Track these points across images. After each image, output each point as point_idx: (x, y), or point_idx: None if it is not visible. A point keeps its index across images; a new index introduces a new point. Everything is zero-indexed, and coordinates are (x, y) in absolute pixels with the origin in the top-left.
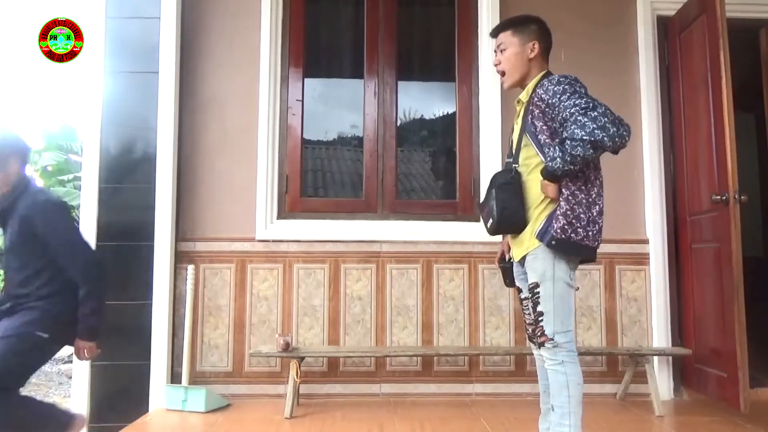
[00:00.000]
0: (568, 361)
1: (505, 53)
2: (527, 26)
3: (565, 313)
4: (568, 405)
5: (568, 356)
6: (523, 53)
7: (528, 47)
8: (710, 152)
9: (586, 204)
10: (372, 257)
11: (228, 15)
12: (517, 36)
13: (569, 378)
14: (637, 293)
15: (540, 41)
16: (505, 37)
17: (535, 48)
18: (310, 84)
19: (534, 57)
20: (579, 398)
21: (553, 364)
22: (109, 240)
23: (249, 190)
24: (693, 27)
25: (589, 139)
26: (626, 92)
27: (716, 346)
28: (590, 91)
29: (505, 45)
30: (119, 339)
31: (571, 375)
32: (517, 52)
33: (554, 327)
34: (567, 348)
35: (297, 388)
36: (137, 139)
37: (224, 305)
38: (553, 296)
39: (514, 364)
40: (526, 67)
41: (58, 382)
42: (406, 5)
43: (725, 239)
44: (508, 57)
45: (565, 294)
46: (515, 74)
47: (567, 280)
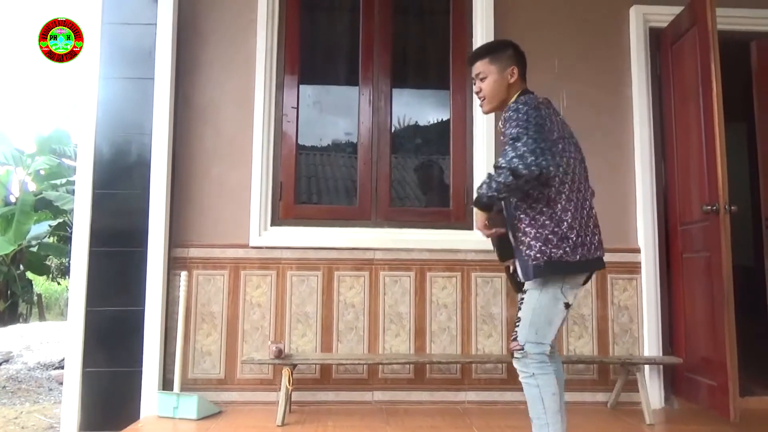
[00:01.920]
0: (539, 373)
1: (486, 81)
2: (504, 52)
3: (543, 325)
4: (545, 416)
5: (540, 368)
6: (502, 80)
7: (507, 73)
8: (701, 162)
9: (553, 223)
10: (365, 264)
11: (224, 22)
12: (495, 64)
13: (542, 390)
14: (628, 302)
15: (517, 65)
16: (483, 66)
17: (514, 73)
18: (305, 91)
19: (513, 82)
20: (555, 408)
21: (525, 377)
22: (102, 245)
23: (243, 196)
24: (684, 39)
25: (507, 166)
26: (618, 102)
27: (707, 355)
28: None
29: (485, 73)
30: (111, 345)
31: (543, 386)
32: (496, 79)
33: (527, 335)
34: (538, 360)
35: (289, 395)
36: (132, 144)
37: (217, 312)
38: (536, 306)
39: (506, 372)
40: (505, 92)
41: (48, 388)
42: (402, 13)
43: (715, 249)
44: (489, 85)
45: (549, 306)
46: (495, 101)
47: (556, 294)
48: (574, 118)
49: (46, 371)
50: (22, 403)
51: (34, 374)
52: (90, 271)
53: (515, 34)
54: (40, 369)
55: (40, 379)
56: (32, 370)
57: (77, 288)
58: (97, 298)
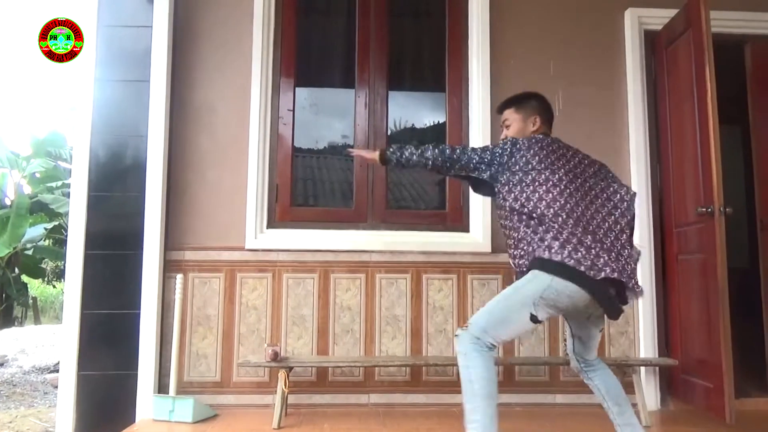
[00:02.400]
0: (470, 353)
1: (510, 129)
2: (528, 102)
3: (500, 322)
4: (475, 400)
5: (475, 349)
6: (525, 128)
7: (530, 122)
8: (696, 165)
9: (537, 239)
10: (361, 267)
11: (220, 24)
12: (520, 113)
13: (471, 372)
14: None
15: (541, 115)
16: (509, 114)
17: (537, 122)
18: (301, 93)
19: (536, 129)
20: (486, 393)
21: (459, 357)
22: (97, 248)
23: (239, 199)
24: (679, 42)
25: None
26: (613, 105)
27: (702, 357)
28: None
29: (510, 121)
30: (106, 348)
31: (473, 367)
32: (520, 128)
33: (477, 318)
34: (473, 341)
35: (285, 398)
36: (127, 147)
37: (213, 315)
38: (503, 301)
39: (502, 374)
40: None
41: (43, 392)
42: (397, 16)
43: (711, 251)
44: (513, 131)
45: (514, 307)
46: None
47: (529, 298)
48: (569, 120)
49: (41, 375)
50: (17, 407)
51: (29, 378)
52: (85, 274)
53: (510, 37)
54: (35, 373)
55: (35, 382)
56: (27, 374)
57: (72, 291)
58: (93, 301)
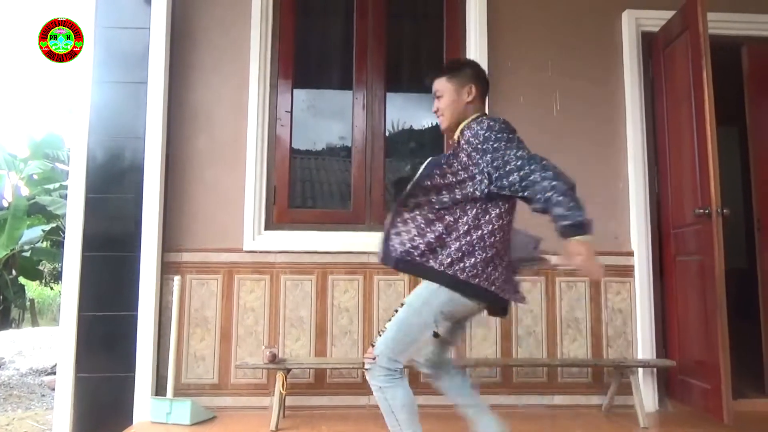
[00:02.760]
0: (386, 386)
1: (443, 100)
2: (462, 70)
3: (405, 345)
4: (400, 428)
5: (386, 381)
6: (459, 99)
7: (465, 91)
8: (693, 166)
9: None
10: (359, 269)
11: (217, 26)
12: (452, 82)
13: (391, 402)
14: (622, 305)
15: (476, 85)
16: (440, 84)
17: (472, 91)
18: (299, 95)
19: (472, 100)
20: (406, 418)
21: (375, 390)
22: (95, 250)
23: (237, 200)
24: (676, 43)
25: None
26: (611, 106)
27: (700, 358)
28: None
29: (442, 91)
30: (104, 350)
31: (392, 399)
32: (453, 98)
33: (384, 348)
34: (384, 373)
35: (283, 400)
36: (125, 149)
37: (210, 316)
38: (404, 320)
39: (500, 376)
40: (462, 111)
41: (40, 394)
42: (395, 18)
43: (708, 252)
44: (446, 102)
45: (416, 327)
46: (452, 118)
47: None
48: (567, 120)
49: (38, 377)
50: (14, 410)
51: (27, 380)
52: (82, 275)
53: (508, 38)
54: (32, 375)
55: (33, 385)
56: (24, 376)
57: (70, 293)
58: (90, 303)
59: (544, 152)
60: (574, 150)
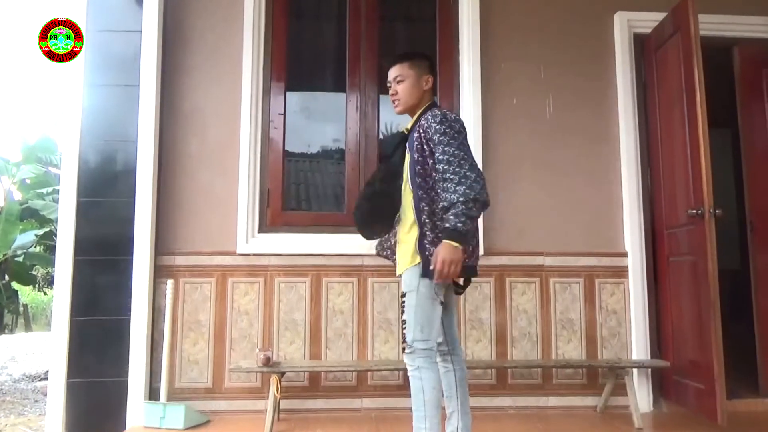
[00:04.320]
0: (423, 367)
1: (403, 85)
2: (423, 61)
3: (426, 323)
4: (424, 409)
5: (425, 362)
6: (418, 86)
7: (424, 80)
8: (686, 167)
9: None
10: (354, 271)
11: (210, 28)
12: (414, 69)
13: (424, 383)
14: (616, 306)
15: (432, 76)
16: (402, 69)
17: (429, 81)
18: (292, 97)
19: (428, 89)
20: (435, 402)
21: (411, 370)
22: (87, 254)
23: (230, 203)
24: (668, 45)
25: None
26: (603, 108)
27: (694, 359)
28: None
29: (403, 77)
30: (97, 355)
31: (426, 380)
32: (413, 84)
33: (414, 335)
34: (424, 354)
35: (277, 403)
36: (117, 152)
37: (204, 320)
38: (415, 306)
39: (495, 378)
40: (419, 97)
41: (33, 400)
42: (388, 21)
43: (701, 253)
44: (406, 88)
45: (427, 306)
46: (410, 102)
47: (431, 294)
48: (560, 123)
49: (31, 383)
50: (6, 416)
51: (20, 386)
52: (75, 280)
53: (501, 41)
54: (25, 380)
55: (26, 390)
56: (17, 382)
57: (62, 297)
58: (83, 308)
59: (537, 154)
60: (567, 152)
